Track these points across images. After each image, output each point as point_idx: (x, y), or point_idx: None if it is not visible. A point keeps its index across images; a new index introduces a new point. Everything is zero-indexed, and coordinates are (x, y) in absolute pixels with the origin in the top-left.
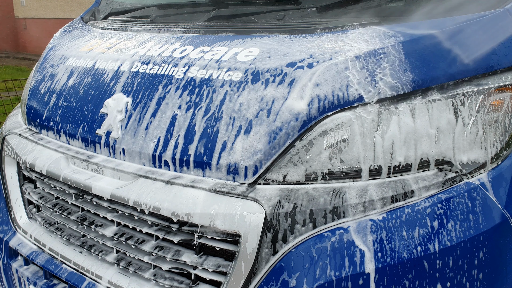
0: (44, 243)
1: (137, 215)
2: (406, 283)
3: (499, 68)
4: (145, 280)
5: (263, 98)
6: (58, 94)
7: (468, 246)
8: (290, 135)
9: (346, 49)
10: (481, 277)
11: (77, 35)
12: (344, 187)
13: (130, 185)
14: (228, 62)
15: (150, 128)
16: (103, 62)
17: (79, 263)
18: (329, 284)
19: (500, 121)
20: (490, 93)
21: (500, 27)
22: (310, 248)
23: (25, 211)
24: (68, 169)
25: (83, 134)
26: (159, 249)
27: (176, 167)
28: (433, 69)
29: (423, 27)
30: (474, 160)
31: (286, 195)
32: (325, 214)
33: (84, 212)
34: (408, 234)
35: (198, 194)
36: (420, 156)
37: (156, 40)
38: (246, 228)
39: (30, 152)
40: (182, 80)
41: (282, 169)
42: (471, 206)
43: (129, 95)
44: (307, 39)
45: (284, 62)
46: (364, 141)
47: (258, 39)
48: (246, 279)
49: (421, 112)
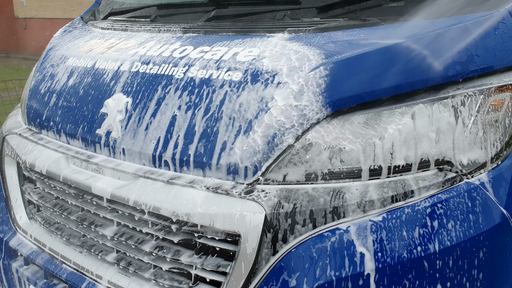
0: (44, 243)
1: (137, 215)
2: (406, 283)
3: (499, 68)
4: (145, 280)
5: (263, 98)
6: (58, 94)
7: (468, 246)
8: (290, 135)
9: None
10: (481, 277)
11: (77, 35)
12: (344, 187)
13: (130, 185)
14: (228, 62)
15: (150, 128)
16: (103, 62)
17: (79, 263)
18: (329, 284)
19: (500, 121)
20: (490, 93)
21: (500, 27)
22: (310, 248)
23: (25, 211)
24: (68, 169)
25: (83, 134)
26: (159, 249)
27: (176, 167)
28: (434, 68)
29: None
30: (474, 160)
31: (286, 195)
32: (325, 214)
33: (84, 212)
34: (408, 234)
35: (198, 194)
36: (420, 156)
37: (156, 40)
38: (246, 228)
39: (30, 152)
40: (182, 80)
41: (282, 169)
42: (471, 206)
43: (129, 95)
44: (307, 38)
45: (284, 61)
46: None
47: (258, 39)
48: (246, 279)
49: (421, 112)
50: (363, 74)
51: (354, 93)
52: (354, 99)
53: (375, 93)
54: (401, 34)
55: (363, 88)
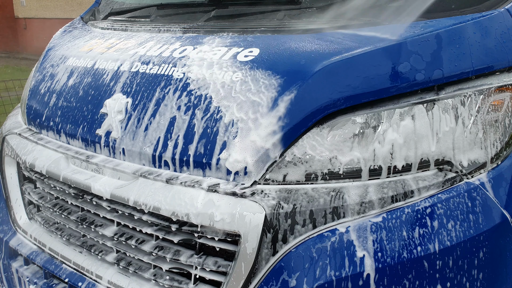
0: (44, 243)
1: (137, 215)
2: (406, 283)
3: (499, 68)
4: (145, 280)
5: (263, 98)
6: (58, 94)
7: (468, 246)
8: (290, 135)
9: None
10: (481, 277)
11: (77, 35)
12: (344, 187)
13: (130, 185)
14: (228, 62)
15: (149, 128)
16: (103, 62)
17: (79, 263)
18: (329, 284)
19: (500, 121)
20: (490, 93)
21: (500, 27)
22: (310, 248)
23: (25, 211)
24: (68, 169)
25: (83, 134)
26: (159, 249)
27: (176, 167)
28: (433, 68)
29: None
30: (474, 160)
31: (286, 195)
32: (325, 214)
33: (84, 212)
34: (408, 234)
35: (198, 194)
36: (420, 156)
37: (156, 40)
38: (246, 228)
39: (30, 152)
40: (182, 80)
41: (282, 169)
42: (471, 206)
43: (129, 95)
44: (308, 38)
45: (284, 61)
46: (364, 141)
47: (258, 38)
48: (246, 279)
49: (421, 112)
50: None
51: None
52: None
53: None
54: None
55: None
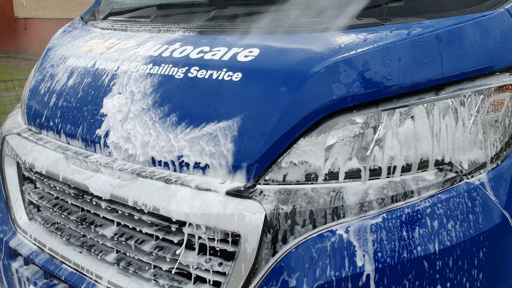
0: (44, 243)
1: (136, 215)
2: (406, 283)
3: (499, 68)
4: (145, 280)
5: (263, 98)
6: (58, 94)
7: (468, 246)
8: (290, 135)
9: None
10: (481, 277)
11: (77, 35)
12: (344, 187)
13: (129, 185)
14: (228, 62)
15: (149, 128)
16: (103, 62)
17: (79, 263)
18: (329, 284)
19: (500, 121)
20: (490, 93)
21: (500, 27)
22: (310, 248)
23: (25, 211)
24: (68, 169)
25: (83, 134)
26: (159, 249)
27: (176, 167)
28: (433, 68)
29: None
30: (474, 160)
31: (286, 195)
32: (324, 214)
33: (84, 212)
34: (408, 234)
35: (198, 194)
36: (420, 156)
37: (156, 40)
38: (246, 228)
39: (30, 152)
40: (182, 80)
41: (282, 169)
42: (471, 206)
43: (129, 95)
44: (308, 38)
45: (284, 61)
46: (364, 141)
47: (258, 39)
48: (246, 279)
49: (421, 113)
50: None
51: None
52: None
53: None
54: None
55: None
